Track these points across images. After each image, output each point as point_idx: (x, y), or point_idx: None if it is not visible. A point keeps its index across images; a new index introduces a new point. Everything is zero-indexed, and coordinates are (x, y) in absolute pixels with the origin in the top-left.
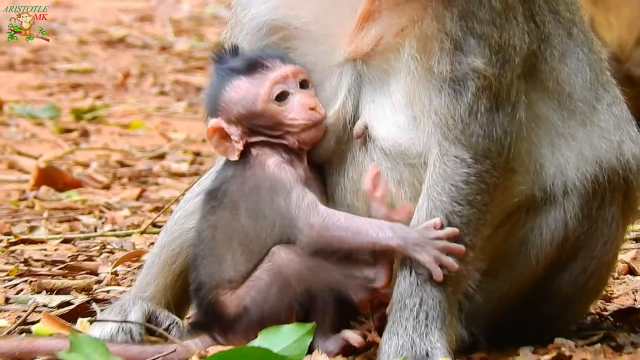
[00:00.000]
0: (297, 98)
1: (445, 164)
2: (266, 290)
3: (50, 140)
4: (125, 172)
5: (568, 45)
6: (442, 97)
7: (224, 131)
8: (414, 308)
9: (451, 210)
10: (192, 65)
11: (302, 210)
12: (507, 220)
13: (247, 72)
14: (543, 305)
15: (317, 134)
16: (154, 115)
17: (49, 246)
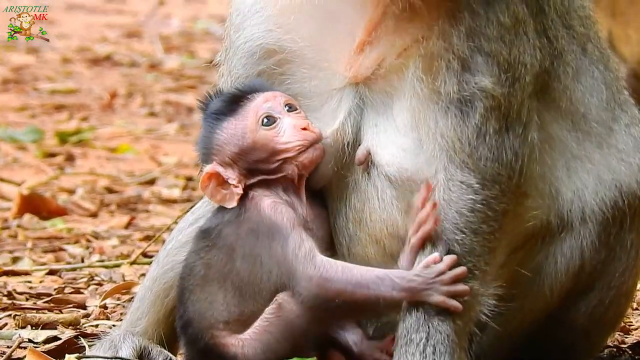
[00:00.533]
0: (286, 121)
1: (450, 190)
2: (275, 345)
3: (33, 165)
4: (113, 198)
5: (582, 62)
6: (448, 119)
7: (221, 177)
8: (420, 342)
9: (454, 238)
10: (184, 84)
11: (299, 261)
12: (521, 247)
13: (229, 111)
14: (558, 338)
15: (316, 155)
16: (144, 137)
17: (34, 278)
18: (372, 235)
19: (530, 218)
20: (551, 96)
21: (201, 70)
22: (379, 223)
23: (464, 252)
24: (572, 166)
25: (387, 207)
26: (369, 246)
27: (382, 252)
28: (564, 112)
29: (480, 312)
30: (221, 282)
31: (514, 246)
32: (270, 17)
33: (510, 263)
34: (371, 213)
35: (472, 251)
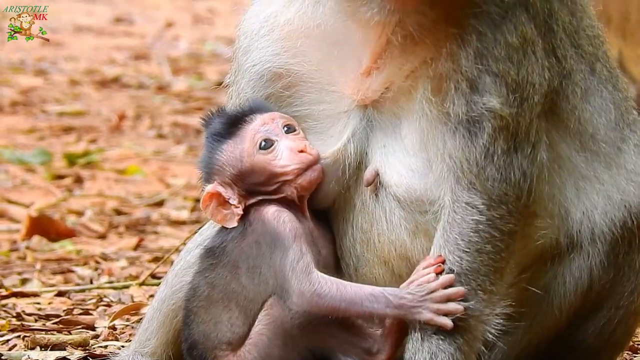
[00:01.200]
0: (283, 144)
1: (455, 212)
2: (269, 347)
3: (41, 187)
4: (122, 220)
5: (591, 82)
6: (456, 140)
7: (222, 197)
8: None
9: (453, 259)
10: (192, 106)
11: (295, 274)
12: (529, 267)
13: (228, 133)
14: (566, 358)
15: (314, 177)
16: (152, 159)
17: (43, 299)
18: (380, 257)
19: (539, 238)
20: (559, 116)
21: (209, 92)
22: (387, 244)
23: (466, 271)
24: (581, 186)
25: (395, 228)
26: (377, 267)
27: (390, 274)
28: (573, 132)
29: (487, 331)
30: (225, 301)
31: (523, 266)
32: (277, 40)
33: (519, 283)
34: (379, 234)
35: (477, 270)
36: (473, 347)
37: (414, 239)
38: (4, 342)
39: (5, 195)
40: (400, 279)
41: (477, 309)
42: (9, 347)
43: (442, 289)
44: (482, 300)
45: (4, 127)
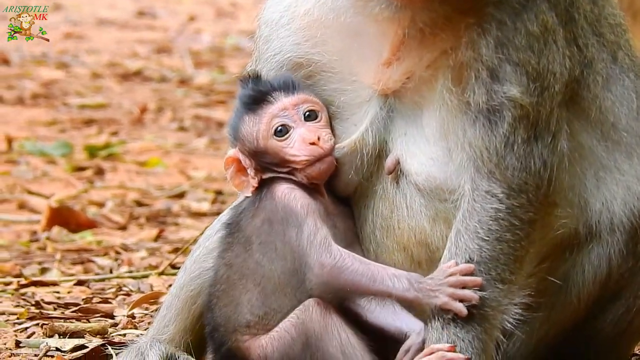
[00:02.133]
0: (298, 132)
1: (474, 200)
2: (291, 346)
3: (62, 178)
4: (142, 211)
5: (613, 71)
6: (476, 129)
7: (241, 164)
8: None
9: (473, 247)
10: (213, 100)
11: (313, 247)
12: (548, 257)
13: (251, 107)
14: (584, 347)
15: (324, 168)
16: (173, 152)
17: (62, 288)
18: (400, 243)
19: (558, 227)
20: (580, 105)
21: (231, 85)
22: (407, 231)
23: (486, 260)
24: (601, 176)
25: (416, 215)
26: (396, 253)
27: (409, 260)
28: (594, 122)
29: (505, 320)
30: (243, 281)
31: (542, 256)
32: (298, 30)
33: (538, 272)
34: (399, 221)
35: (497, 259)
36: (491, 336)
37: (433, 226)
38: (23, 330)
39: (26, 187)
40: (419, 266)
41: (496, 299)
42: (27, 334)
43: (460, 275)
44: (501, 290)
45: (26, 119)
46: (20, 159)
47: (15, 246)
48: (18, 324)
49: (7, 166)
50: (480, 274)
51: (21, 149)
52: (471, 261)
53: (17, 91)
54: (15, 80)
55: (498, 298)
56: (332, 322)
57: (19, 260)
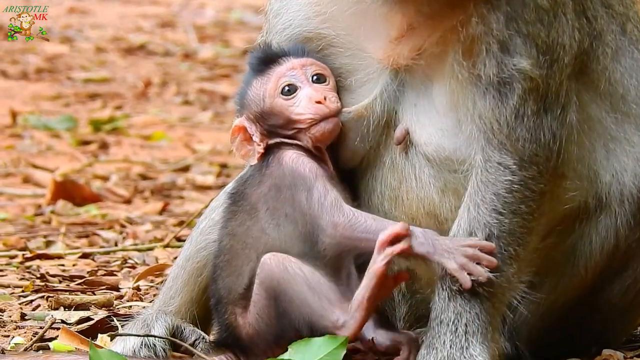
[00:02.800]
0: (304, 92)
1: (488, 171)
2: (266, 306)
3: (67, 152)
4: (147, 185)
5: (622, 43)
6: (486, 101)
7: (247, 132)
8: (450, 323)
9: (492, 221)
10: (217, 73)
11: (325, 208)
12: (556, 229)
13: (259, 70)
14: (591, 317)
15: (329, 128)
16: (178, 125)
17: (67, 261)
18: (408, 214)
19: (568, 200)
20: (590, 77)
21: (235, 59)
22: (416, 202)
23: (503, 234)
24: (610, 148)
25: (425, 186)
26: None
27: None
28: (603, 93)
29: (512, 296)
30: (246, 251)
31: (550, 228)
32: (308, 5)
33: (545, 246)
34: (408, 192)
35: (513, 233)
36: (498, 310)
37: (442, 197)
38: (28, 303)
39: (31, 161)
40: None
41: (507, 277)
42: (32, 307)
43: (478, 250)
44: (514, 269)
45: (30, 93)
46: (24, 133)
47: (20, 220)
48: (23, 297)
49: (12, 140)
50: (499, 249)
51: (26, 124)
52: (492, 236)
53: (21, 66)
54: (20, 55)
55: (509, 276)
56: (290, 263)
57: (24, 234)
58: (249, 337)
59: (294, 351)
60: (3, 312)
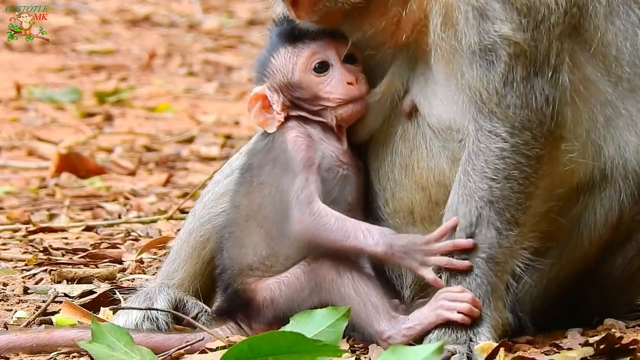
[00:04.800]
0: (336, 71)
1: (479, 140)
2: (299, 291)
3: (71, 125)
4: (151, 157)
5: (615, 2)
6: (474, 70)
7: (267, 100)
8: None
9: (484, 187)
10: (222, 44)
11: (297, 202)
12: (560, 200)
13: (291, 40)
14: (594, 289)
15: (355, 110)
16: (182, 97)
17: (70, 234)
18: (419, 183)
19: (567, 162)
20: (583, 37)
21: (240, 30)
22: (426, 171)
23: (498, 199)
24: (609, 116)
25: (435, 156)
26: (414, 193)
27: (427, 200)
28: (596, 54)
29: (515, 265)
30: (248, 222)
31: (553, 197)
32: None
33: (549, 214)
34: (418, 160)
35: (508, 198)
36: (502, 279)
37: (452, 167)
38: (31, 276)
39: (35, 133)
40: (436, 206)
41: (509, 243)
42: (35, 280)
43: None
44: (515, 234)
45: (35, 66)
46: (29, 106)
47: (24, 193)
48: (26, 271)
49: (16, 113)
50: (495, 214)
51: (30, 96)
52: (485, 201)
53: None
54: None
55: (511, 242)
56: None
57: (27, 207)
58: (262, 306)
59: (296, 322)
60: (6, 285)
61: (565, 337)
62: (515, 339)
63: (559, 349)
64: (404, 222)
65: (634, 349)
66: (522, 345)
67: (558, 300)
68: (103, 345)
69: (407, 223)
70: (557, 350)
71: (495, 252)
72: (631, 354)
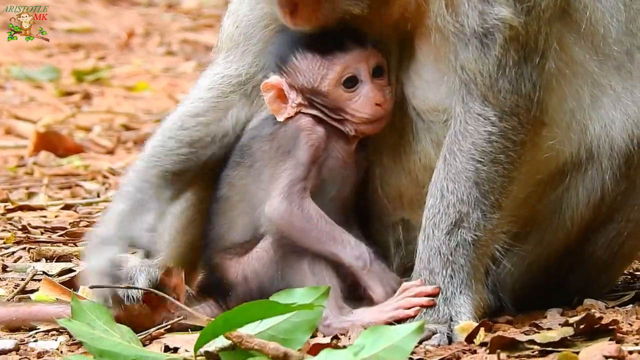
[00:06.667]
0: (366, 89)
1: (467, 122)
2: (268, 265)
3: (50, 103)
4: (130, 136)
5: None
6: (469, 52)
7: (283, 92)
8: (438, 272)
9: (470, 168)
10: (201, 23)
11: (289, 191)
12: (537, 186)
13: (322, 49)
14: (576, 269)
15: (378, 128)
16: (161, 76)
17: (49, 213)
18: (406, 167)
19: (547, 148)
20: (572, 17)
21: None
22: (412, 155)
23: (484, 181)
24: (596, 95)
25: (421, 139)
26: (402, 177)
27: (414, 184)
28: (585, 34)
29: (496, 248)
30: (242, 204)
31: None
32: None
33: (530, 197)
34: (405, 145)
35: (493, 181)
36: (482, 262)
37: (437, 150)
38: (10, 254)
39: (13, 112)
40: (423, 190)
41: (492, 226)
42: (14, 259)
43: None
44: (497, 218)
45: (12, 44)
46: (7, 85)
47: (3, 171)
48: (5, 249)
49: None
50: (480, 196)
51: (8, 75)
52: (471, 182)
53: (2, 17)
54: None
55: (493, 225)
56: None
57: (6, 185)
58: (235, 283)
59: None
60: None
61: (545, 317)
62: (495, 319)
63: (539, 329)
64: (393, 207)
65: (614, 329)
66: (502, 325)
67: (540, 281)
68: (83, 323)
69: (396, 208)
70: (537, 330)
71: (480, 233)
72: (611, 334)
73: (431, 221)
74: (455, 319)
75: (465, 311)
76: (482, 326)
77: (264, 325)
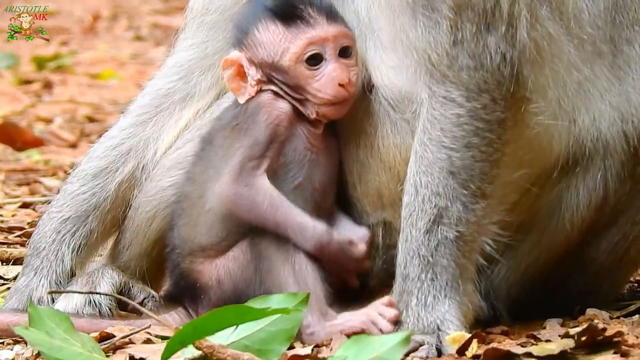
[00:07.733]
0: (330, 68)
1: (433, 108)
2: (245, 267)
3: (7, 92)
4: (94, 128)
5: None
6: (418, 29)
7: (242, 69)
8: (415, 277)
9: (442, 157)
10: (173, 6)
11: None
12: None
13: (284, 19)
14: (576, 275)
15: (341, 112)
16: (129, 63)
17: (6, 211)
18: (385, 162)
19: (535, 125)
20: None
21: None
22: (392, 149)
23: (460, 169)
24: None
25: (400, 131)
26: (382, 173)
27: (395, 180)
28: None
29: (486, 243)
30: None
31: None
32: None
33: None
34: (383, 138)
35: (471, 168)
36: (471, 259)
37: (411, 142)
38: None
39: None
40: None
41: (476, 217)
42: None
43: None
44: (482, 207)
45: None
46: None
47: None
48: None
49: None
50: (458, 185)
51: None
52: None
53: None
54: None
55: (478, 216)
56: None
57: None
58: (207, 287)
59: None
60: None
61: (544, 327)
62: (490, 329)
63: (537, 340)
64: (373, 208)
65: (618, 341)
66: (497, 336)
67: (537, 287)
68: (41, 331)
69: (375, 208)
70: (535, 342)
71: (463, 228)
72: (615, 347)
73: (408, 221)
74: (443, 329)
75: (451, 318)
76: (475, 337)
77: (237, 334)
